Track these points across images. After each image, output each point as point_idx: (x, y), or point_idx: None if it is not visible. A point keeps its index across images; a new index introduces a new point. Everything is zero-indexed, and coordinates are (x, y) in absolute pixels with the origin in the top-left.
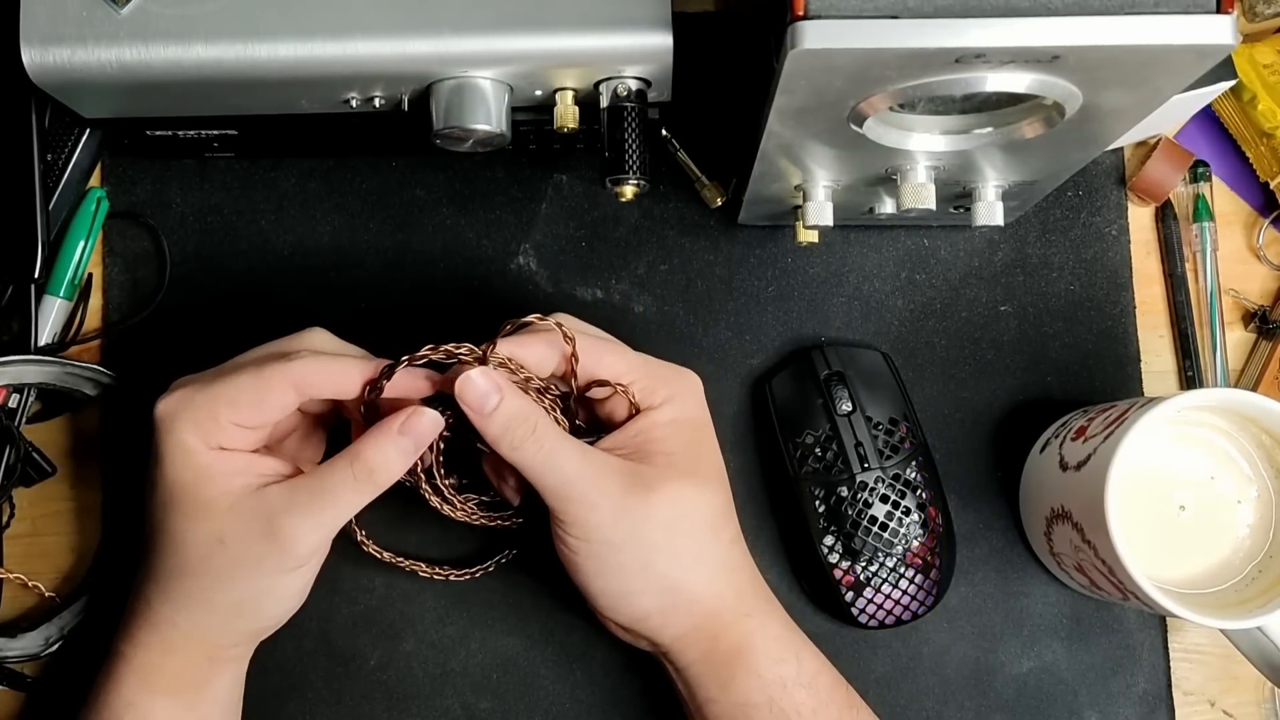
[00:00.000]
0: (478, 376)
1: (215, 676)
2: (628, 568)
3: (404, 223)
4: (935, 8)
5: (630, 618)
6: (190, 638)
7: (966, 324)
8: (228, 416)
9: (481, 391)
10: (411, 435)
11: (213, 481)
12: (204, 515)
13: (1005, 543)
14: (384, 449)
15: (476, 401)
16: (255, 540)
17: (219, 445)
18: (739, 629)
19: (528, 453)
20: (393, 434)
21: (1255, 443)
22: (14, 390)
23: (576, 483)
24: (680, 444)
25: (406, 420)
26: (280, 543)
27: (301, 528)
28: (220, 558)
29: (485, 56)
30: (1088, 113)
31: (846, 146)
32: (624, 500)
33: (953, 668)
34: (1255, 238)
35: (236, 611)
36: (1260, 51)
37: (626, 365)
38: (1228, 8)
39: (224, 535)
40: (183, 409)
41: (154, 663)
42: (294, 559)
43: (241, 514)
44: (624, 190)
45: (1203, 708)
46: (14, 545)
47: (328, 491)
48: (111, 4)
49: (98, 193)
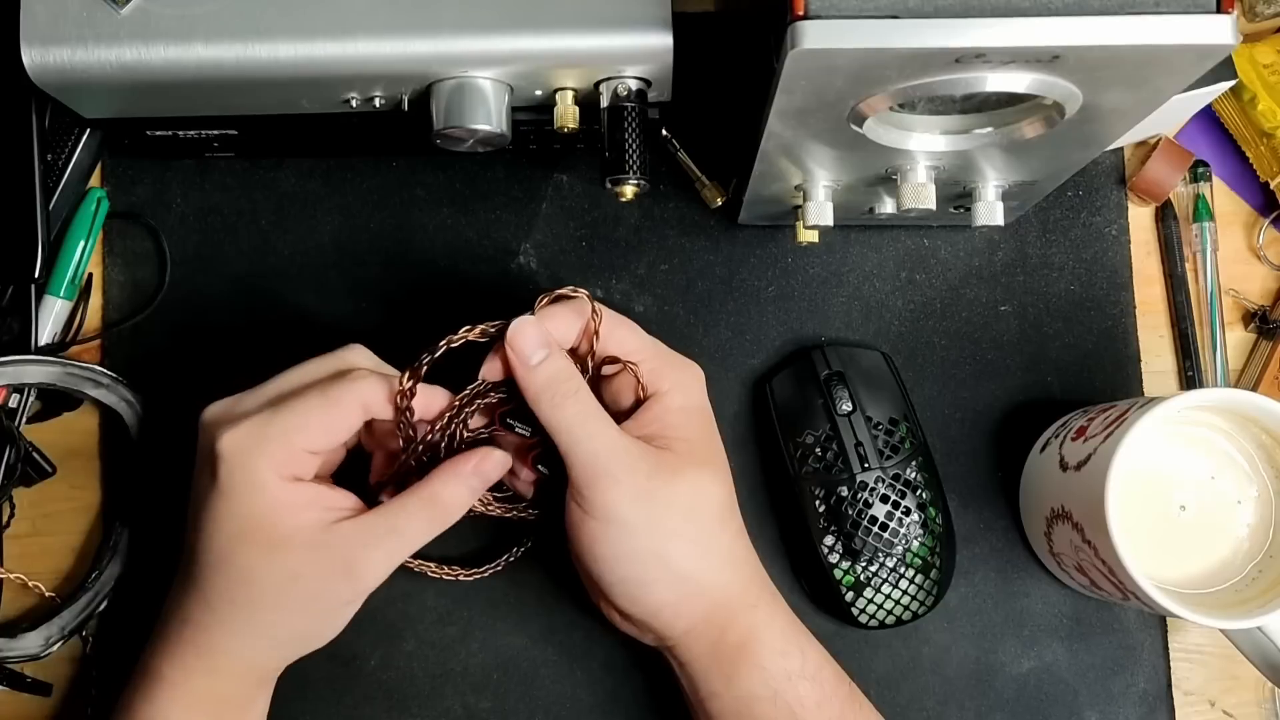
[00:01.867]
0: (531, 326)
1: (258, 698)
2: (645, 556)
3: (404, 223)
4: (935, 8)
5: (646, 610)
6: (245, 664)
7: (966, 324)
8: (301, 444)
9: (532, 342)
10: (482, 476)
11: (287, 516)
12: (279, 550)
13: (1005, 543)
14: (458, 489)
15: (525, 350)
16: (331, 577)
17: (293, 475)
18: (745, 621)
19: (567, 413)
20: (467, 475)
21: (1255, 443)
22: (14, 390)
23: (607, 456)
24: (694, 431)
25: (480, 462)
26: (355, 577)
27: (377, 564)
28: (295, 592)
29: (485, 56)
30: (1088, 113)
31: (846, 146)
32: (649, 483)
33: (953, 668)
34: (1255, 238)
35: (297, 640)
36: (1260, 51)
37: (638, 344)
38: (1228, 8)
39: (299, 571)
40: (255, 443)
41: (199, 687)
42: (363, 592)
43: (317, 550)
44: (624, 190)
45: (1203, 708)
46: (14, 545)
47: (403, 530)
48: (111, 4)
49: (98, 193)
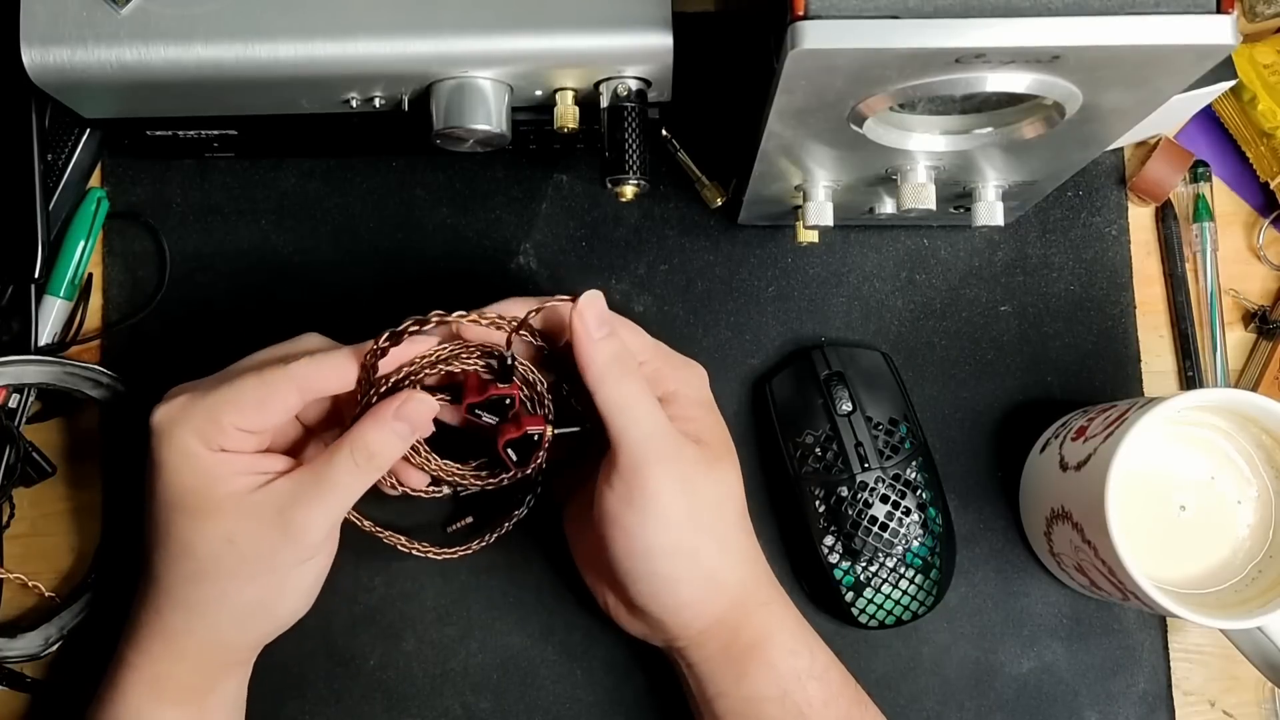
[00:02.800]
0: (599, 300)
1: (224, 682)
2: (677, 551)
3: (404, 223)
4: (935, 8)
5: (666, 608)
6: (204, 644)
7: (966, 324)
8: (231, 420)
9: (600, 315)
10: (407, 420)
11: (217, 483)
12: (211, 516)
13: (1005, 543)
14: (382, 433)
15: (594, 320)
16: (266, 535)
17: (220, 448)
18: (758, 620)
19: (627, 389)
20: (388, 419)
21: (1255, 443)
22: (14, 390)
23: (661, 439)
24: (712, 427)
25: (402, 406)
26: (291, 534)
27: (310, 517)
28: (231, 557)
29: (485, 56)
30: (1088, 113)
31: (846, 146)
32: (692, 471)
33: (953, 668)
34: (1255, 238)
35: (252, 611)
36: (1260, 51)
37: (640, 345)
38: (1228, 8)
39: (233, 534)
40: (183, 414)
41: (164, 672)
42: (306, 549)
43: (249, 511)
44: (624, 190)
45: (1203, 708)
46: (14, 545)
47: (330, 478)
48: (111, 4)
49: (98, 193)
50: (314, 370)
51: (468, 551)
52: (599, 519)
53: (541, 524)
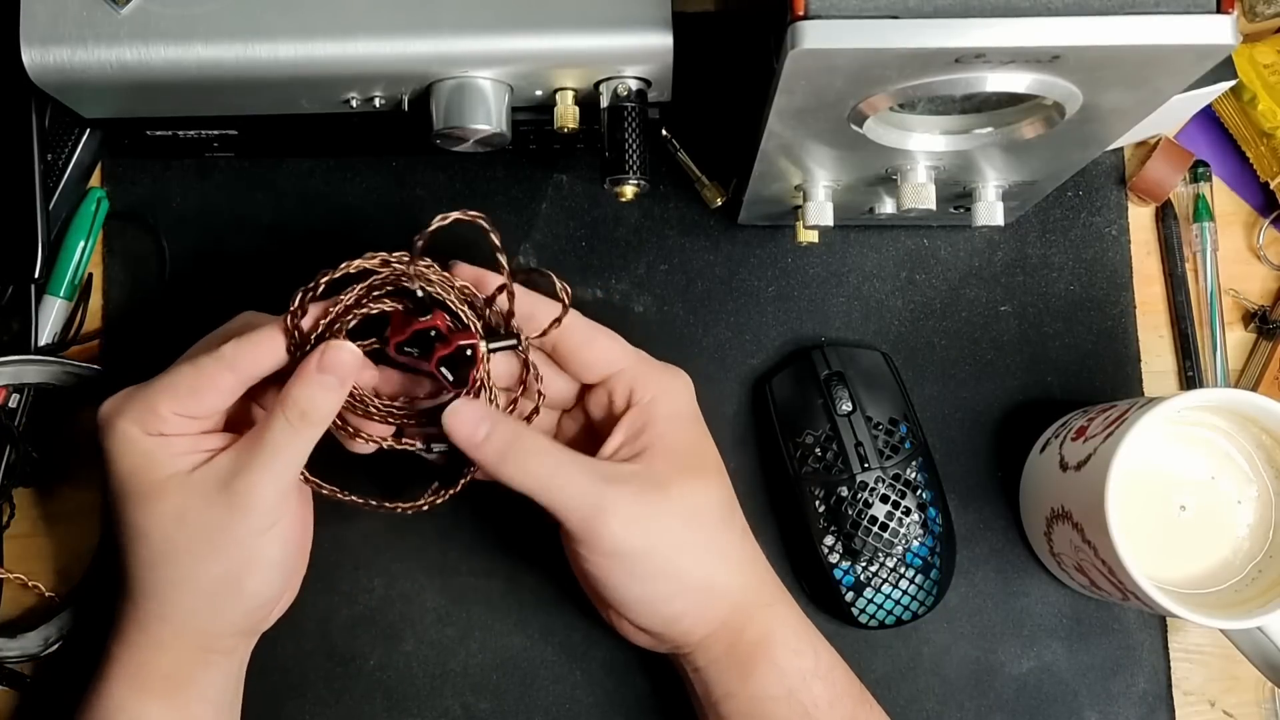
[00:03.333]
0: (463, 407)
1: (207, 671)
2: (656, 572)
3: (404, 223)
4: (935, 8)
5: (664, 621)
6: (180, 629)
7: (966, 324)
8: (168, 407)
9: (470, 422)
10: (333, 370)
11: (159, 464)
12: (157, 498)
13: (1005, 543)
14: (309, 388)
15: (465, 433)
16: (213, 509)
17: (159, 433)
18: (762, 620)
19: (533, 473)
20: (311, 372)
21: (1255, 443)
22: (14, 390)
23: (592, 496)
24: (681, 439)
25: (322, 357)
26: (239, 504)
27: (255, 483)
28: (183, 535)
29: (485, 56)
30: (1088, 113)
31: (846, 146)
32: (638, 506)
33: (953, 668)
34: (1255, 238)
35: (219, 589)
36: (1260, 51)
37: (620, 354)
38: (1228, 8)
39: (182, 512)
40: (123, 405)
41: (144, 662)
42: (258, 517)
43: (193, 488)
44: (624, 190)
45: (1203, 708)
46: (14, 545)
47: (269, 443)
48: (111, 4)
49: (98, 193)
50: (243, 350)
51: (434, 501)
52: (574, 567)
53: (542, 525)
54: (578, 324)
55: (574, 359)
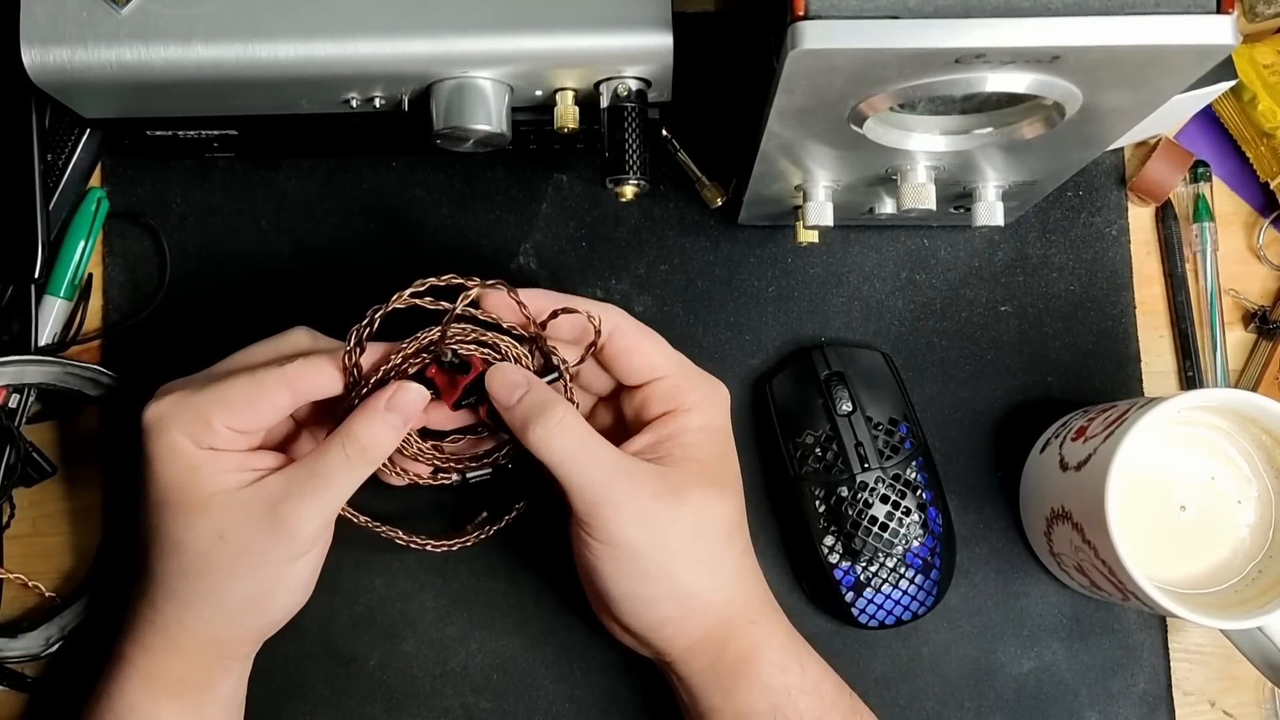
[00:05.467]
0: (507, 368)
1: (222, 677)
2: (650, 573)
3: (404, 223)
4: (935, 8)
5: (646, 625)
6: (199, 638)
7: (966, 324)
8: (220, 420)
9: (511, 380)
10: (399, 411)
11: (206, 479)
12: (200, 513)
13: (1005, 543)
14: (373, 426)
15: (505, 391)
16: (256, 531)
17: (210, 446)
18: (746, 637)
19: (556, 444)
20: (380, 410)
21: (1255, 443)
22: (14, 390)
23: (606, 484)
24: (709, 451)
25: (393, 397)
26: (284, 530)
27: (303, 512)
28: (222, 553)
29: (485, 56)
30: (1088, 113)
31: (847, 146)
32: (652, 505)
33: (953, 668)
34: (1255, 238)
35: (246, 606)
36: (1260, 51)
37: (664, 358)
38: (1228, 8)
39: (223, 531)
40: (172, 412)
41: (160, 665)
42: (300, 544)
43: (239, 507)
44: (624, 190)
45: (1203, 708)
46: (14, 545)
47: (323, 474)
48: (111, 4)
49: (98, 193)
50: (305, 373)
51: (466, 543)
52: (574, 549)
53: (542, 525)
54: (626, 327)
55: (617, 363)
